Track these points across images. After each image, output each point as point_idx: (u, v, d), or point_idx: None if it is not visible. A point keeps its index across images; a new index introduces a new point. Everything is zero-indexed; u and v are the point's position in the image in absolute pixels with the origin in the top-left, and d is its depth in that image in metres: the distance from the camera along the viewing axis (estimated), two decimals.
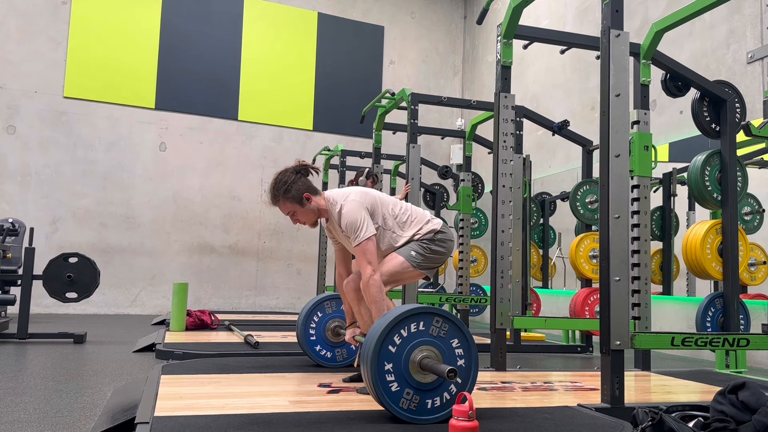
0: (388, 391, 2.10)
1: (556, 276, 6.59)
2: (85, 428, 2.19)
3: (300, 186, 2.75)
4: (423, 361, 2.12)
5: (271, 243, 8.69)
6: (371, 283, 2.64)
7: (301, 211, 2.77)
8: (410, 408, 2.12)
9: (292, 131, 8.96)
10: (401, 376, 2.12)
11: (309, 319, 3.33)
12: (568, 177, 6.87)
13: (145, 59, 8.23)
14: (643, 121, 3.36)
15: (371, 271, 2.64)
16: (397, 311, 2.17)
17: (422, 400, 2.14)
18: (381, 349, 2.10)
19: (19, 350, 4.19)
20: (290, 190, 2.73)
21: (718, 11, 5.21)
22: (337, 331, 3.34)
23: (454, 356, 2.19)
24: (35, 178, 7.64)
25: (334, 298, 3.41)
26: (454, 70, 10.09)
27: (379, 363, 2.10)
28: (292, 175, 2.75)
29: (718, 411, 1.84)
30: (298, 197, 2.75)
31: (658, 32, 3.47)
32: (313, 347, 3.33)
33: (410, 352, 2.13)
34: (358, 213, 2.70)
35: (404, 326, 2.14)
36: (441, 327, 2.18)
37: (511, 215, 3.70)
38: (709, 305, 3.83)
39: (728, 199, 3.76)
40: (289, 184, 2.73)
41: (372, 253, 2.67)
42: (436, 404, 2.15)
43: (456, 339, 2.19)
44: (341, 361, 3.37)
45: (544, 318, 4.09)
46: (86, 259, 4.72)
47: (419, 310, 2.17)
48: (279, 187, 2.74)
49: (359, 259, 2.70)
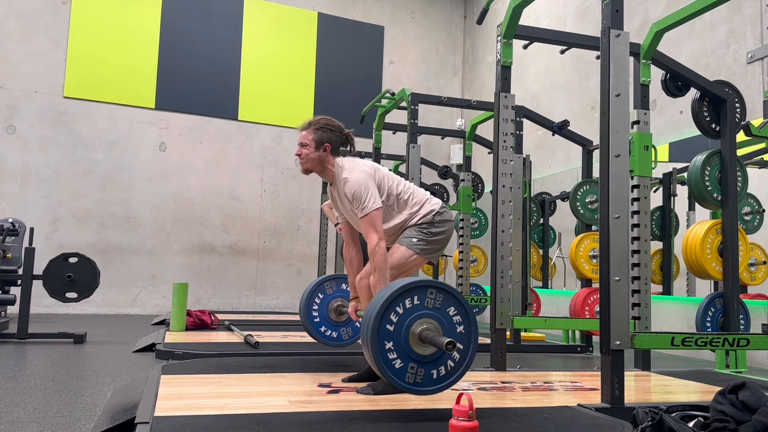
0: (392, 368, 2.13)
1: (556, 276, 6.59)
2: (85, 428, 2.19)
3: (330, 137, 2.84)
4: (422, 334, 2.15)
5: (271, 243, 8.69)
6: (377, 250, 2.66)
7: (311, 152, 2.83)
8: (416, 381, 2.15)
9: (292, 131, 8.95)
10: (403, 351, 2.15)
11: (311, 301, 3.32)
12: (568, 177, 6.87)
13: (145, 59, 8.23)
14: (643, 121, 3.36)
15: (377, 239, 2.67)
16: (391, 288, 2.19)
17: (427, 372, 2.17)
18: (379, 329, 2.13)
19: (19, 350, 4.19)
20: (323, 130, 2.83)
21: (718, 11, 5.21)
22: (340, 311, 3.34)
23: (452, 325, 2.21)
24: (35, 178, 7.64)
25: (334, 278, 3.42)
26: (454, 70, 10.09)
27: (380, 343, 2.12)
28: (335, 127, 2.87)
29: (718, 411, 1.84)
30: (321, 141, 2.83)
31: (658, 32, 3.47)
32: (318, 328, 3.33)
33: (409, 326, 2.16)
34: (365, 184, 2.72)
35: (399, 303, 2.16)
36: (436, 298, 2.20)
37: (511, 215, 3.70)
38: (709, 305, 3.83)
39: (728, 199, 3.76)
40: (326, 126, 2.85)
41: (379, 223, 2.70)
42: (441, 373, 2.18)
43: (452, 307, 2.22)
44: (347, 340, 3.38)
45: (544, 318, 4.09)
46: (86, 259, 4.72)
47: (412, 285, 2.19)
48: (318, 121, 2.86)
49: (365, 228, 2.71)
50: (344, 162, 2.85)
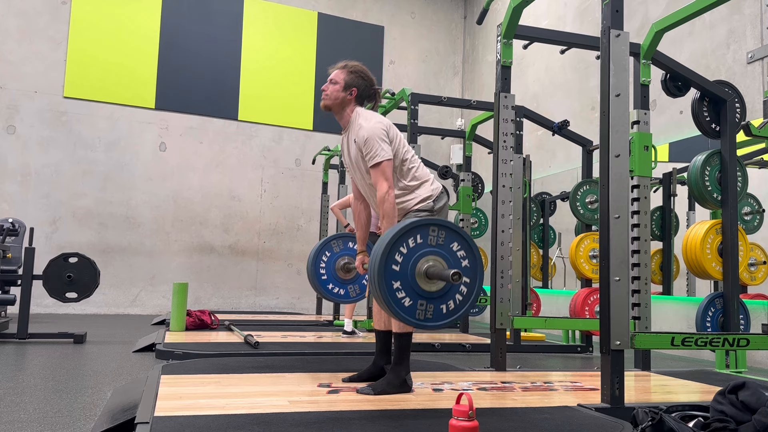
0: (401, 306, 2.17)
1: (556, 276, 6.59)
2: (85, 428, 2.19)
3: (360, 84, 2.87)
4: (429, 270, 2.19)
5: (271, 243, 8.69)
6: (387, 198, 2.65)
7: (338, 90, 2.86)
8: (427, 317, 2.20)
9: (292, 131, 8.96)
10: (411, 289, 2.19)
11: (318, 259, 3.34)
12: (568, 177, 6.87)
13: (145, 59, 8.23)
14: (643, 121, 3.36)
15: (387, 187, 2.66)
16: (393, 230, 2.23)
17: (436, 307, 2.22)
18: (386, 270, 2.16)
19: (19, 350, 4.19)
20: (356, 75, 2.87)
21: (718, 11, 5.21)
22: (347, 268, 3.36)
23: (457, 259, 2.25)
24: (35, 178, 7.64)
25: (341, 237, 3.44)
26: (454, 70, 10.09)
27: (388, 283, 2.16)
28: (368, 77, 2.90)
29: (718, 411, 1.84)
30: (350, 83, 2.86)
31: (658, 32, 3.47)
32: (326, 285, 3.34)
33: (414, 264, 2.19)
34: (379, 134, 2.72)
35: (403, 243, 2.20)
36: (438, 235, 2.24)
37: (511, 215, 3.70)
38: (709, 305, 3.83)
39: (728, 199, 3.76)
40: (360, 72, 2.89)
41: (389, 173, 2.69)
42: (450, 308, 2.23)
43: (455, 243, 2.26)
44: (354, 297, 3.39)
45: (544, 318, 4.09)
46: (86, 259, 4.72)
47: (413, 225, 2.23)
48: (355, 65, 2.91)
49: (375, 177, 2.70)
50: (362, 111, 2.88)
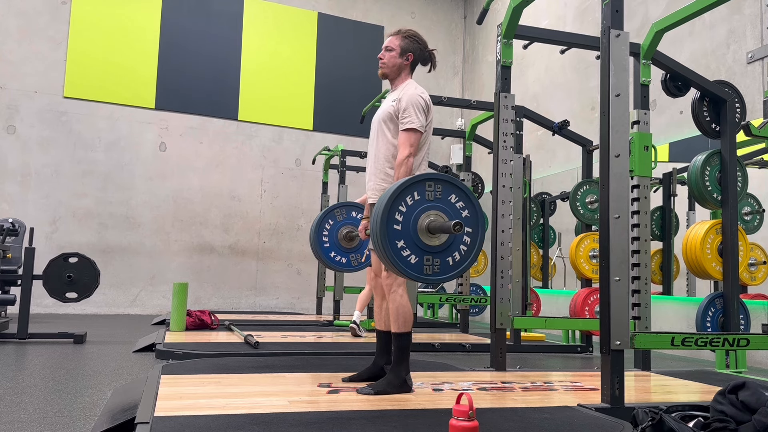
0: (408, 264, 2.19)
1: (556, 276, 6.59)
2: (85, 428, 2.19)
3: (416, 48, 2.91)
4: (430, 225, 2.20)
5: (271, 243, 8.69)
6: (405, 163, 2.63)
7: (394, 56, 2.89)
8: (435, 271, 2.22)
9: (292, 131, 8.96)
10: (415, 246, 2.20)
11: (321, 227, 3.34)
12: (568, 177, 6.87)
13: (145, 59, 8.23)
14: (643, 121, 3.36)
15: (409, 153, 2.65)
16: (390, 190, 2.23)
17: (443, 261, 2.23)
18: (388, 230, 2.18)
19: (19, 350, 4.19)
20: (411, 40, 2.90)
21: (718, 11, 5.21)
22: (350, 236, 3.36)
23: (456, 211, 2.26)
24: (35, 178, 7.64)
25: (345, 206, 3.45)
26: (454, 70, 10.09)
27: (392, 243, 2.17)
28: (422, 41, 2.94)
29: (718, 411, 1.84)
30: (406, 49, 2.89)
31: (658, 32, 3.47)
32: (328, 254, 3.34)
33: (416, 221, 2.21)
34: (422, 105, 2.74)
35: (401, 202, 2.21)
36: (435, 189, 2.25)
37: (511, 215, 3.70)
38: (709, 305, 3.83)
39: (728, 199, 3.76)
40: (414, 37, 2.91)
41: (416, 144, 2.69)
42: (456, 259, 2.25)
43: (453, 195, 2.27)
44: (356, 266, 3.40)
45: (544, 318, 4.09)
46: (86, 259, 4.72)
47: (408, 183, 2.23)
48: (409, 31, 2.93)
49: (403, 140, 2.69)
50: (414, 83, 2.89)
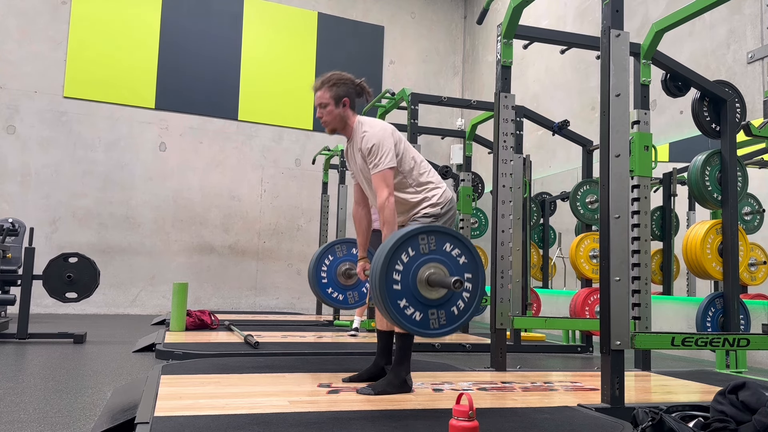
0: (414, 322, 2.16)
1: (556, 276, 6.59)
2: (85, 428, 2.19)
3: (348, 90, 2.85)
4: (430, 278, 2.17)
5: (271, 243, 8.69)
6: (387, 205, 2.66)
7: (332, 110, 2.85)
8: (442, 324, 2.19)
9: (292, 131, 8.96)
10: (418, 303, 2.17)
11: (320, 262, 3.33)
12: (568, 177, 6.87)
13: (145, 59, 8.23)
14: (643, 121, 3.36)
15: (387, 194, 2.66)
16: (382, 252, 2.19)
17: (448, 311, 2.21)
18: (389, 293, 2.14)
19: (19, 350, 4.19)
20: (339, 85, 2.83)
21: (718, 11, 5.21)
22: (349, 274, 3.35)
23: (453, 258, 2.23)
24: (35, 178, 7.64)
25: (345, 242, 3.42)
26: (454, 70, 10.09)
27: (394, 305, 2.14)
28: (347, 79, 2.86)
29: (718, 411, 1.84)
30: (339, 96, 2.83)
31: (658, 32, 3.47)
32: (325, 290, 3.33)
33: (414, 278, 2.18)
34: (382, 140, 2.72)
35: (396, 260, 2.17)
36: (428, 242, 2.22)
37: (511, 215, 3.69)
38: (709, 305, 3.83)
39: (728, 199, 3.76)
40: (339, 81, 2.84)
41: (390, 181, 2.69)
42: (461, 307, 2.22)
43: (447, 243, 2.23)
44: (352, 304, 3.39)
45: (544, 318, 4.09)
46: (86, 259, 4.72)
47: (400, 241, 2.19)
48: (332, 78, 2.85)
49: (377, 183, 2.70)
50: (365, 119, 2.88)
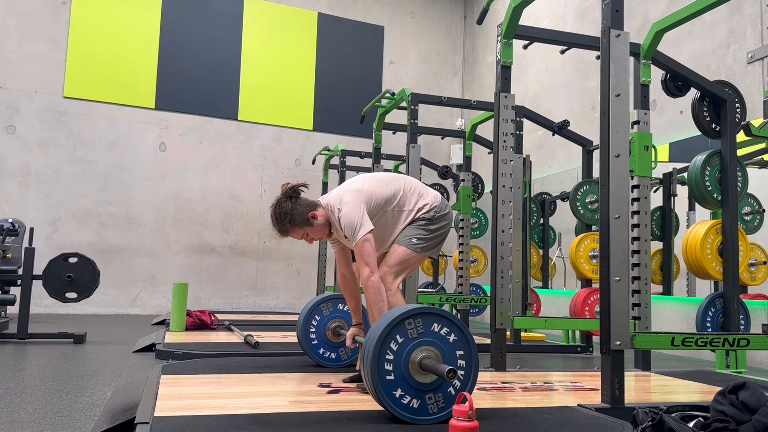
0: (412, 410, 2.11)
1: (556, 276, 6.59)
2: (85, 428, 2.19)
3: (301, 209, 2.75)
4: (423, 362, 2.12)
5: (271, 243, 8.69)
6: (369, 285, 2.66)
7: (312, 230, 2.80)
8: (440, 407, 2.13)
9: (292, 131, 8.96)
10: (412, 390, 2.12)
11: (308, 323, 3.34)
12: (568, 177, 6.87)
13: (145, 59, 8.23)
14: (643, 121, 3.36)
15: (368, 272, 2.66)
16: (370, 344, 2.15)
17: (444, 393, 2.15)
18: (383, 386, 2.10)
19: (19, 350, 4.19)
20: (295, 217, 2.73)
21: (718, 11, 5.21)
22: (338, 332, 3.35)
23: (443, 338, 2.19)
24: (35, 178, 7.64)
25: (330, 299, 3.41)
26: (454, 70, 10.09)
27: (390, 397, 2.11)
28: (288, 203, 2.74)
29: (718, 411, 1.84)
30: (305, 220, 2.75)
31: (658, 32, 3.47)
32: (316, 350, 3.35)
33: (407, 367, 2.13)
34: (354, 214, 2.71)
35: (386, 351, 2.12)
36: (416, 326, 2.16)
37: (511, 215, 3.69)
38: (709, 305, 3.83)
39: (728, 199, 3.76)
40: (290, 213, 2.72)
41: (369, 254, 2.68)
42: (458, 387, 2.16)
43: (435, 323, 2.19)
44: (345, 360, 3.39)
45: (544, 318, 4.09)
46: (86, 259, 4.72)
47: (388, 329, 2.13)
48: (283, 219, 2.73)
49: (357, 260, 2.73)
50: (329, 203, 2.81)
